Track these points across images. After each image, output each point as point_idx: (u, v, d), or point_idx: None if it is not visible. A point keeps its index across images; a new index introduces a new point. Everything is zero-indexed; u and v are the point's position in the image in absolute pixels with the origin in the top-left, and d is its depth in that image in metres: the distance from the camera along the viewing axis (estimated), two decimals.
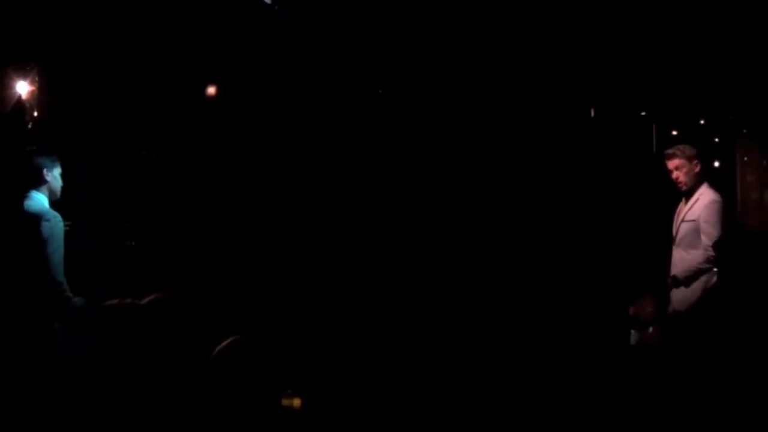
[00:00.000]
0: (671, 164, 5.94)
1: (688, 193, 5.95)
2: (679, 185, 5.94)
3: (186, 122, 8.02)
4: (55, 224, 4.96)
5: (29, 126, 6.52)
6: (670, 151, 6.00)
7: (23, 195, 5.01)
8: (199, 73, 7.78)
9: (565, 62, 7.22)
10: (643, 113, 7.71)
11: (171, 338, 3.86)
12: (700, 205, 5.85)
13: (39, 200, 5.06)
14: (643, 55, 7.16)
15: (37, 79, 6.64)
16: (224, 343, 3.80)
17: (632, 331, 5.66)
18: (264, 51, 7.46)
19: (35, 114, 6.63)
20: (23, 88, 6.55)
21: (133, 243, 7.97)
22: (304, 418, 3.94)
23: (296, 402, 3.84)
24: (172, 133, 8.01)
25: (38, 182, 5.08)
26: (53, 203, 5.18)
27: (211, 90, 7.90)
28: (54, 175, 5.18)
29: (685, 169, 5.91)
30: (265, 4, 6.80)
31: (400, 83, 7.61)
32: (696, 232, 5.83)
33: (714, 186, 5.98)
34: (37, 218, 4.90)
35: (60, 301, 4.87)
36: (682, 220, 5.96)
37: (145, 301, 4.01)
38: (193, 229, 7.81)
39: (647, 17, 6.84)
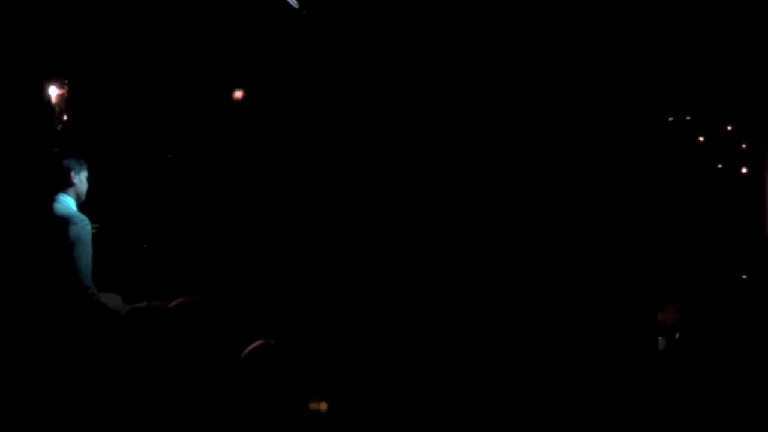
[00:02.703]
0: None
1: None
2: None
3: (211, 126, 8.04)
4: (83, 227, 4.94)
5: (58, 129, 6.55)
6: None
7: (51, 198, 4.97)
8: (226, 77, 7.80)
9: (596, 65, 7.19)
10: (671, 118, 7.67)
11: (199, 341, 3.87)
12: None
13: (66, 203, 5.05)
14: (670, 58, 7.13)
15: (66, 82, 6.67)
16: (251, 347, 3.81)
17: (659, 338, 5.66)
18: (290, 53, 7.47)
19: (64, 117, 6.66)
20: (52, 91, 6.58)
21: (157, 245, 8.00)
22: (331, 421, 3.94)
23: (323, 406, 3.83)
24: (198, 137, 8.03)
25: (66, 185, 5.08)
26: (79, 206, 5.18)
27: (238, 94, 7.92)
28: (81, 179, 5.17)
29: None
30: (292, 7, 6.81)
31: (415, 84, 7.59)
32: None
33: None
34: (65, 221, 4.90)
35: (87, 304, 4.85)
36: None
37: (173, 304, 4.03)
38: (219, 232, 7.82)
39: (674, 20, 6.81)
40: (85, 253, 4.91)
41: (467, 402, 4.43)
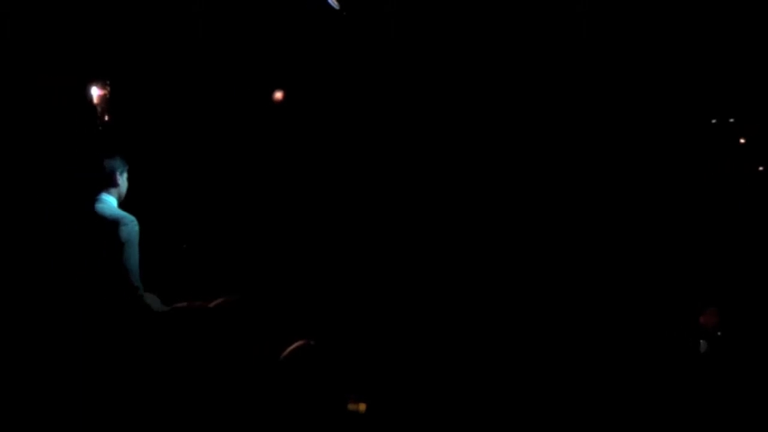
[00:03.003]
0: None
1: None
2: None
3: (250, 126, 8.08)
4: (132, 228, 4.82)
5: (100, 129, 6.60)
6: None
7: (95, 198, 4.88)
8: (268, 78, 7.84)
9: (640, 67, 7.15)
10: (714, 120, 7.61)
11: (239, 341, 3.88)
12: None
13: (110, 203, 4.93)
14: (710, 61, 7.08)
15: (108, 83, 6.72)
16: (291, 347, 3.82)
17: (701, 341, 5.63)
18: (332, 55, 7.48)
19: (106, 118, 6.71)
20: (95, 92, 6.64)
21: (195, 245, 8.06)
22: (369, 422, 3.94)
23: (361, 407, 3.83)
24: (237, 138, 8.07)
25: (110, 185, 4.97)
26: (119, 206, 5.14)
27: (278, 95, 7.95)
28: (123, 179, 5.07)
29: None
30: (333, 9, 6.82)
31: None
32: None
33: None
34: (114, 222, 4.78)
35: (136, 306, 4.81)
36: None
37: (214, 304, 4.04)
38: (259, 232, 7.86)
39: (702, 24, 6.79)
40: (134, 254, 4.83)
41: (509, 405, 4.41)
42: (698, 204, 7.33)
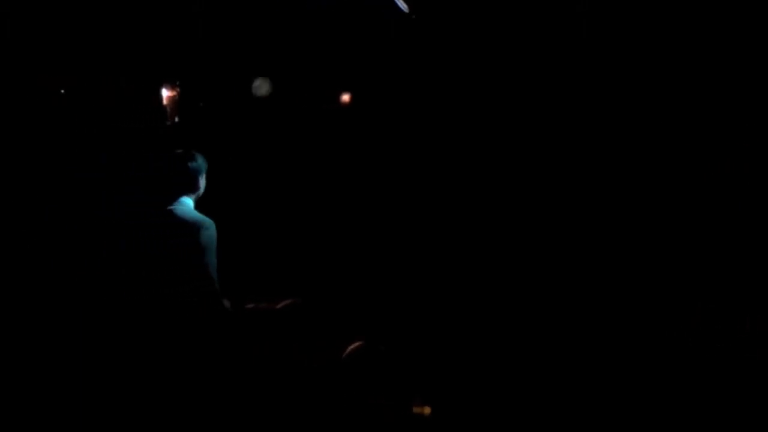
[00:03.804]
0: None
1: None
2: None
3: (313, 128, 8.13)
4: (212, 232, 4.71)
5: (170, 130, 6.69)
6: None
7: (174, 201, 4.76)
8: (335, 81, 7.87)
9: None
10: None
11: (305, 341, 3.91)
12: None
13: (188, 205, 4.84)
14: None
15: (177, 83, 6.80)
16: (350, 348, 3.83)
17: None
18: (402, 58, 7.49)
19: (176, 119, 6.78)
20: (164, 93, 6.72)
21: (263, 246, 8.12)
22: (434, 426, 3.93)
23: (426, 410, 3.83)
24: (300, 139, 8.12)
25: (192, 188, 4.89)
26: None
27: (346, 98, 7.98)
28: (203, 180, 4.94)
29: None
30: (401, 11, 6.83)
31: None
32: None
33: None
34: (195, 226, 4.71)
35: (216, 310, 4.77)
36: None
37: (281, 305, 4.06)
38: (326, 233, 7.90)
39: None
40: (213, 258, 4.70)
41: (573, 404, 4.37)
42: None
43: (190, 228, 4.70)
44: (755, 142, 7.07)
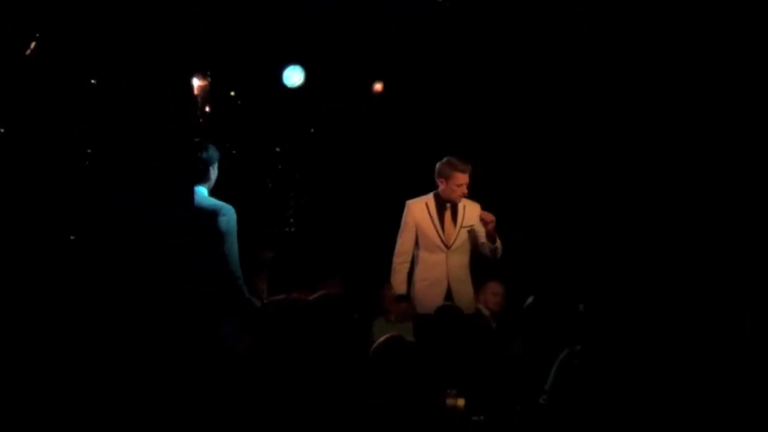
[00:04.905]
0: (467, 177, 6.07)
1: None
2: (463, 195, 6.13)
3: (353, 121, 8.11)
4: (231, 217, 4.74)
5: (200, 120, 6.67)
6: (467, 165, 6.08)
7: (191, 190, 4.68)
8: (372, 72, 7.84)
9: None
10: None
11: (338, 334, 3.84)
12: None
13: (203, 194, 4.86)
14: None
15: (208, 74, 6.79)
16: (381, 340, 3.77)
17: None
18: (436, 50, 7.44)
19: (207, 109, 6.77)
20: (195, 83, 6.71)
21: (295, 237, 8.11)
22: (468, 419, 3.87)
23: (460, 402, 3.76)
24: (341, 132, 8.10)
25: (204, 178, 4.91)
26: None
27: (378, 86, 7.94)
28: (215, 169, 4.98)
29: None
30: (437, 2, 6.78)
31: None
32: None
33: None
34: (213, 213, 4.73)
35: (236, 299, 4.73)
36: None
37: (313, 297, 4.01)
38: (358, 224, 7.88)
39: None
40: (233, 243, 4.73)
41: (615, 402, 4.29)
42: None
43: (207, 215, 4.69)
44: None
